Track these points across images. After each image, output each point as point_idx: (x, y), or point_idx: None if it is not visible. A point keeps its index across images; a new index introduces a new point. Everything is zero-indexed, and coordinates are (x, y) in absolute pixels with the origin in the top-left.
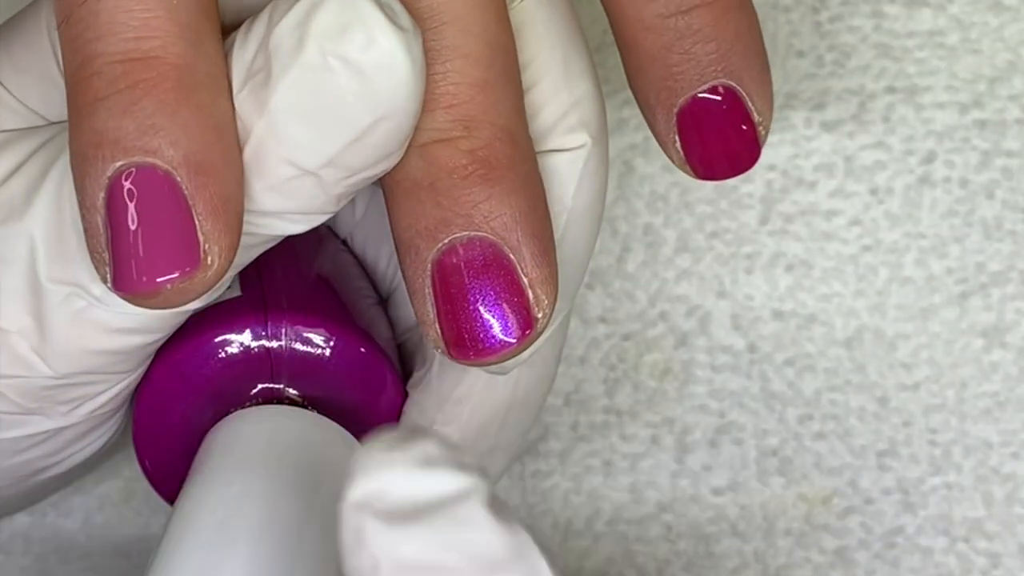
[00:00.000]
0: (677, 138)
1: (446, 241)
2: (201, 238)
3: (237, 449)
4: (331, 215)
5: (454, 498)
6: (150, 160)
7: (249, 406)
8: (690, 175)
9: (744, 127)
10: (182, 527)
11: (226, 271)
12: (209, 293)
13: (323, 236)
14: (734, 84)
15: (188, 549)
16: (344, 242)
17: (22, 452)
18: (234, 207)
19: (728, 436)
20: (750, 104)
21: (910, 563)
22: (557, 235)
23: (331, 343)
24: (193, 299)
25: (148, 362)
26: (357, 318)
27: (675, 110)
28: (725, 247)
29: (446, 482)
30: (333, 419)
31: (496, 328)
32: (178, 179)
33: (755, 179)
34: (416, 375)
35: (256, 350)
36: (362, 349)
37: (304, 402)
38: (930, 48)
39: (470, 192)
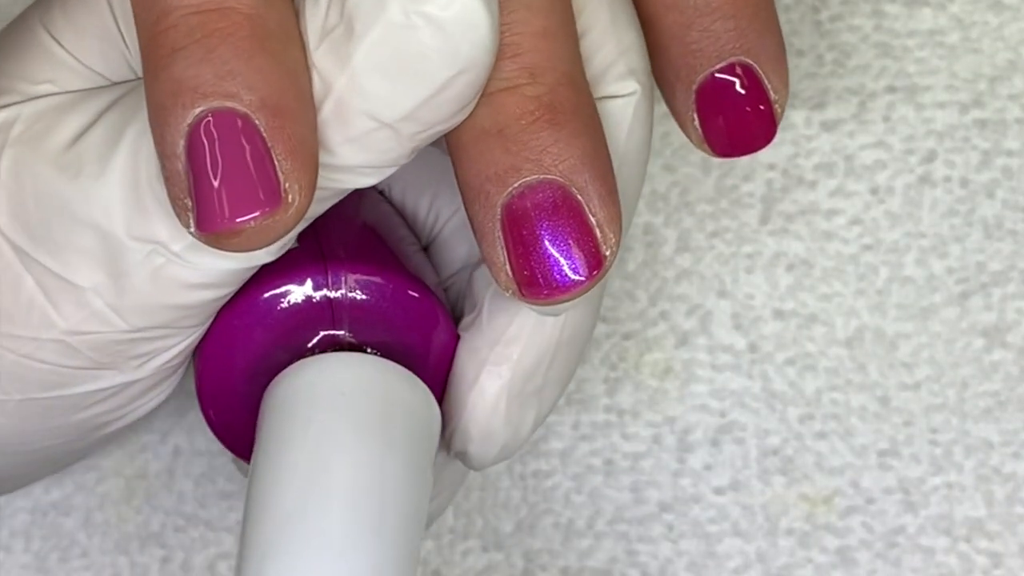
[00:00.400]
0: (696, 115)
1: (516, 185)
2: (281, 177)
3: (308, 397)
4: (398, 167)
5: None
6: (229, 104)
7: (310, 355)
8: (708, 153)
9: (761, 106)
10: (266, 491)
11: (306, 210)
12: (282, 243)
13: (364, 188)
14: (751, 62)
15: (276, 516)
16: (381, 193)
17: (91, 406)
18: (311, 147)
19: (729, 436)
20: (767, 82)
21: (911, 563)
22: None
23: (388, 289)
24: (274, 239)
25: (214, 316)
26: (406, 264)
27: (694, 87)
28: (726, 246)
29: None
30: (387, 354)
31: (567, 267)
32: (256, 121)
33: (755, 178)
34: (466, 319)
35: (317, 299)
36: (416, 294)
37: (364, 348)
38: (930, 47)
39: (538, 137)
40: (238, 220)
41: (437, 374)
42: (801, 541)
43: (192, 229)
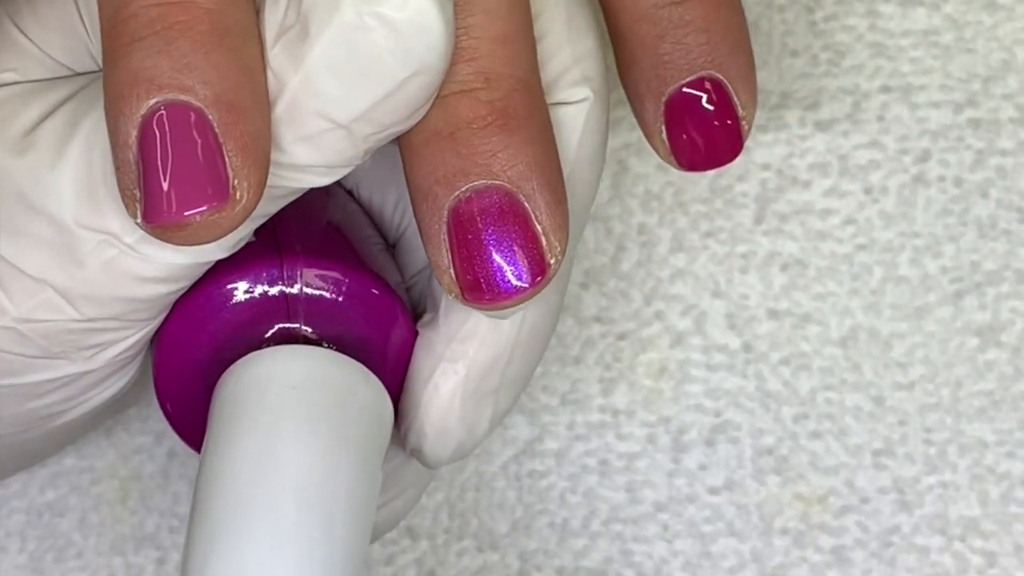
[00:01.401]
0: (663, 128)
1: (464, 189)
2: (231, 173)
3: (259, 389)
4: (352, 168)
5: None
6: (183, 98)
7: (266, 348)
8: (673, 166)
9: (729, 121)
10: (215, 479)
11: (254, 207)
12: (235, 239)
13: (331, 186)
14: (721, 77)
15: (223, 504)
16: (350, 192)
17: (42, 396)
18: (263, 146)
19: (724, 435)
20: (736, 98)
21: (906, 562)
22: None
23: (344, 284)
24: (221, 235)
25: (168, 309)
26: (368, 262)
27: (663, 99)
28: (720, 246)
29: None
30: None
31: (510, 274)
32: (210, 117)
33: (750, 178)
34: (425, 317)
35: (272, 293)
36: (374, 290)
37: (321, 342)
38: (924, 47)
39: (489, 142)
40: (185, 214)
41: (395, 371)
42: (796, 541)
43: (139, 220)
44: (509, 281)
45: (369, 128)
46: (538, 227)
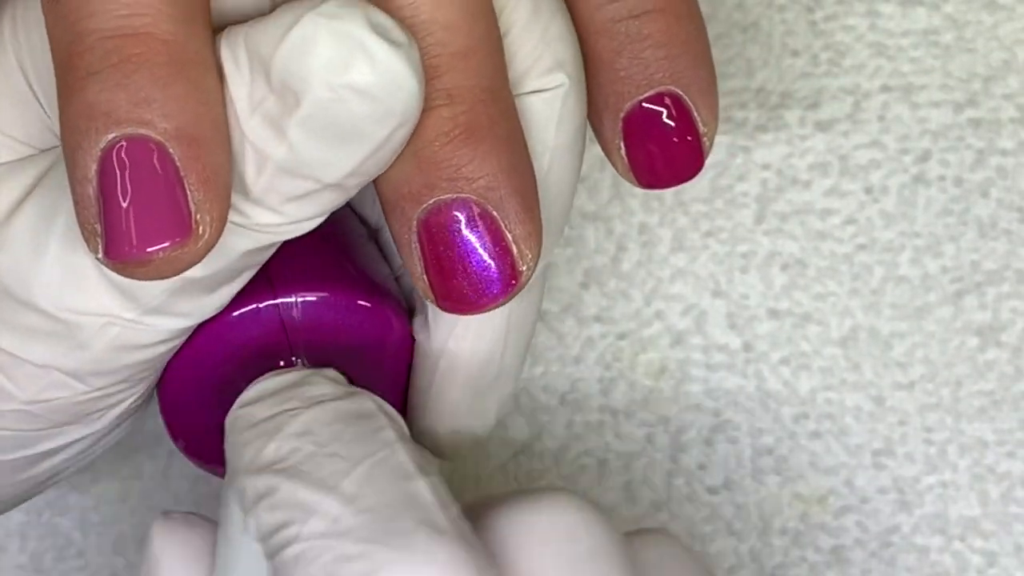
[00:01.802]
0: (622, 144)
1: (431, 202)
2: (193, 208)
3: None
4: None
5: None
6: (143, 131)
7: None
8: (632, 183)
9: (689, 137)
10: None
11: (215, 241)
12: (230, 289)
13: None
14: (681, 92)
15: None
16: None
17: (50, 457)
18: (223, 178)
19: (723, 435)
20: (696, 114)
21: (906, 562)
22: (541, 174)
23: (339, 304)
24: (183, 269)
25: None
26: (356, 261)
27: (621, 115)
28: (720, 246)
29: None
30: (345, 373)
31: (482, 283)
32: (170, 150)
33: (750, 178)
34: (417, 319)
35: (270, 326)
36: (367, 303)
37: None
38: (925, 47)
39: (453, 156)
40: (148, 250)
41: (396, 375)
42: (795, 540)
43: (100, 256)
44: (481, 290)
45: (358, 179)
46: (509, 236)
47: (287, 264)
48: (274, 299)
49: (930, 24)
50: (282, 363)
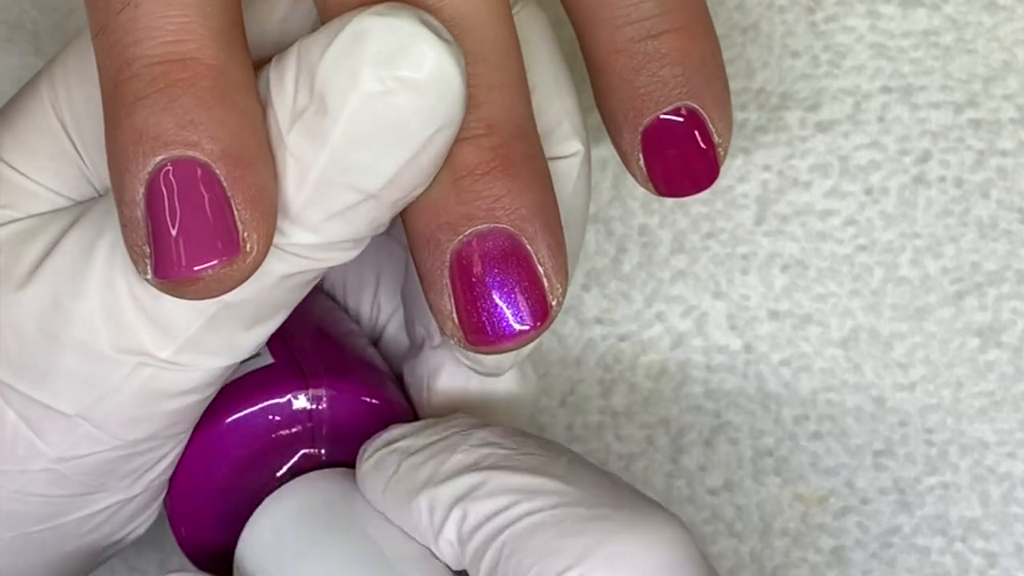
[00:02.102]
0: (641, 156)
1: (467, 233)
2: (240, 227)
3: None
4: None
5: None
6: (190, 154)
7: (288, 477)
8: (651, 192)
9: (705, 147)
10: None
11: (262, 260)
12: (262, 330)
13: (317, 292)
14: (697, 106)
15: None
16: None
17: (86, 534)
18: (270, 197)
19: (724, 436)
20: (711, 126)
21: (906, 563)
22: None
23: (365, 403)
24: (231, 288)
25: (192, 430)
26: (375, 359)
27: (640, 129)
28: (721, 247)
29: None
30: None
31: (512, 316)
32: (217, 171)
33: (750, 179)
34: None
35: (299, 418)
36: (384, 403)
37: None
38: (925, 48)
39: (492, 187)
40: (196, 268)
41: None
42: (796, 541)
43: (149, 276)
44: (511, 324)
45: (397, 192)
46: (540, 269)
47: (317, 356)
48: (306, 388)
49: (930, 25)
50: (303, 452)
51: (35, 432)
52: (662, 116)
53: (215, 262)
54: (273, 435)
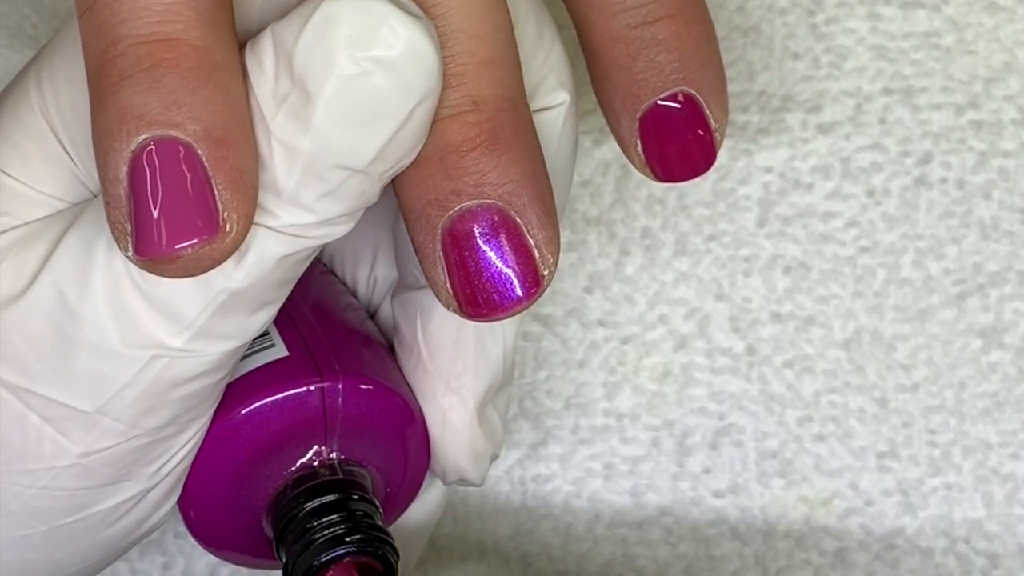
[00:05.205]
0: (639, 142)
1: (456, 209)
2: (220, 207)
3: None
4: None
5: None
6: (173, 133)
7: (298, 472)
8: (649, 177)
9: (701, 132)
10: None
11: (243, 239)
12: (263, 314)
13: (316, 267)
14: (694, 92)
15: None
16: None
17: (115, 522)
18: (251, 179)
19: (728, 438)
20: (708, 111)
21: (910, 564)
22: None
23: (377, 397)
24: (211, 267)
25: (211, 413)
26: (389, 357)
27: (638, 115)
28: (723, 250)
29: None
30: (366, 456)
31: (506, 288)
32: (199, 151)
33: (752, 182)
34: (408, 363)
35: (313, 411)
36: (396, 396)
37: (349, 462)
38: (926, 49)
39: (478, 162)
40: (176, 247)
41: (418, 465)
42: (799, 543)
43: (130, 253)
44: (506, 295)
45: (384, 165)
46: (531, 241)
47: (332, 350)
48: (321, 382)
49: (931, 26)
50: (316, 448)
51: (59, 431)
52: (659, 102)
53: (195, 241)
54: (287, 426)
